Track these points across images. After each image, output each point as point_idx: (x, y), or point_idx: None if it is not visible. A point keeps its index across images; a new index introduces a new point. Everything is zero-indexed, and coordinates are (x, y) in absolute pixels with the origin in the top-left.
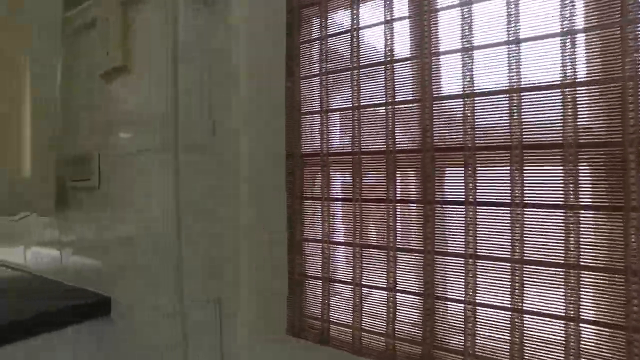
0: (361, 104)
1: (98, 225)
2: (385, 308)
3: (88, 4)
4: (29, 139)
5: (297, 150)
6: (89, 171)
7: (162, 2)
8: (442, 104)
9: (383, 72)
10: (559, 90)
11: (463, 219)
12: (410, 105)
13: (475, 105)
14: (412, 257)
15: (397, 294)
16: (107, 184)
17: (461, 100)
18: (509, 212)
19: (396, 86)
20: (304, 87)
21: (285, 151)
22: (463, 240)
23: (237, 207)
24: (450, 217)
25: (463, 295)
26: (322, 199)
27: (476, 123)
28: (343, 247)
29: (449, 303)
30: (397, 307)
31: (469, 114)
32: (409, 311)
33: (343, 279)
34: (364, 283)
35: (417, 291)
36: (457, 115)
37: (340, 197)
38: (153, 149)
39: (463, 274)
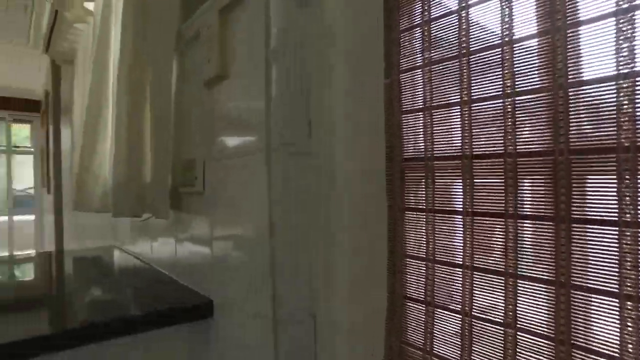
0: (472, 97)
1: (203, 229)
2: (502, 349)
3: (195, 16)
4: (149, 147)
5: (398, 154)
6: (195, 177)
7: (255, 5)
8: (581, 92)
9: (500, 56)
10: None
11: (615, 243)
12: (537, 95)
13: (638, 90)
14: (539, 288)
15: (519, 332)
16: (211, 189)
17: (613, 84)
18: None
19: (516, 72)
20: (405, 81)
21: (385, 155)
22: (615, 273)
23: (333, 216)
24: (595, 240)
25: (617, 348)
26: (426, 211)
27: None
28: (450, 268)
29: (592, 357)
30: (518, 350)
31: (625, 103)
32: (534, 356)
33: (450, 306)
34: (475, 314)
35: (545, 333)
36: (607, 106)
37: (447, 209)
38: (251, 154)
39: (615, 319)
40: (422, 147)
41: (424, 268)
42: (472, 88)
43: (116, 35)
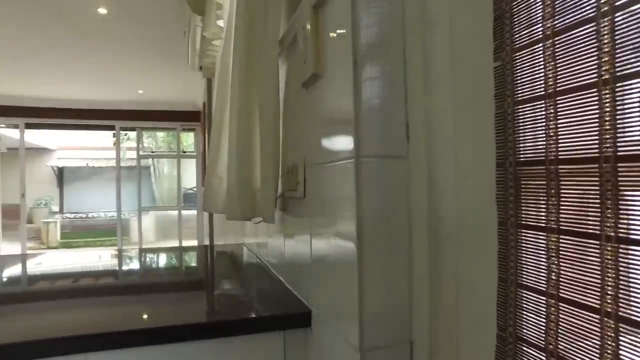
0: (617, 74)
1: (304, 235)
2: None
3: (292, 19)
4: (258, 153)
5: (511, 156)
6: (297, 181)
7: (344, 4)
8: None
9: None
10: None
11: None
12: None
13: None
14: None
15: None
16: (310, 193)
17: None
18: None
19: None
20: (520, 62)
21: (494, 158)
22: None
23: (433, 229)
24: None
25: None
26: (548, 230)
27: None
28: (583, 312)
29: None
30: None
31: None
32: None
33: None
34: None
35: None
36: None
37: (578, 229)
38: (343, 159)
39: None
40: (543, 146)
41: (545, 306)
42: (617, 61)
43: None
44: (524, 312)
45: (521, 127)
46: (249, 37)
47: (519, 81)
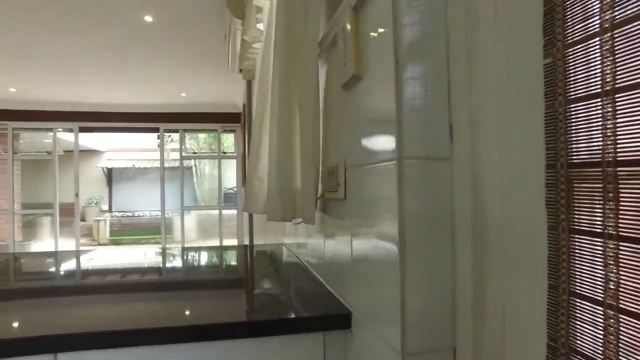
0: None
1: (344, 236)
2: None
3: (332, 20)
4: (299, 154)
5: (562, 157)
6: (337, 183)
7: (385, 4)
8: None
9: None
10: None
11: None
12: None
13: None
14: None
15: None
16: (351, 195)
17: None
18: None
19: None
20: (573, 59)
21: (544, 159)
22: None
23: (478, 233)
24: None
25: None
26: (605, 237)
27: None
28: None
29: None
30: None
31: None
32: None
33: None
34: None
35: None
36: None
37: (637, 235)
38: (385, 160)
39: None
40: (599, 147)
41: (602, 317)
42: None
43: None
44: (578, 323)
45: (574, 127)
46: (288, 40)
47: (571, 78)
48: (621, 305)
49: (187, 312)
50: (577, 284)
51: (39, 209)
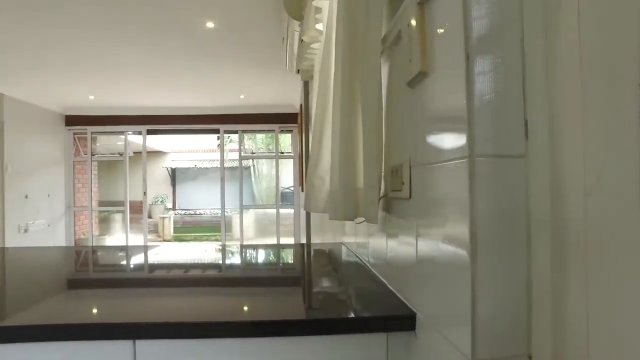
0: None
1: (409, 236)
2: None
3: (396, 17)
4: (361, 153)
5: None
6: (402, 182)
7: None
8: None
9: None
10: None
11: None
12: None
13: None
14: None
15: None
16: (416, 195)
17: None
18: None
19: None
20: None
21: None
22: None
23: (559, 236)
24: None
25: None
26: None
27: None
28: None
29: None
30: None
31: None
32: None
33: None
34: None
35: None
36: None
37: None
38: (454, 158)
39: None
40: None
41: None
42: None
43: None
44: None
45: None
46: (350, 38)
47: None
48: None
49: (249, 308)
50: None
51: (112, 207)
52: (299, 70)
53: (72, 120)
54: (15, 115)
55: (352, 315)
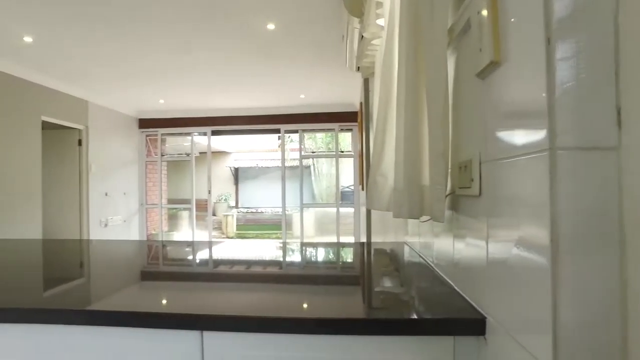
0: None
1: (479, 235)
2: None
3: (463, 6)
4: (427, 149)
5: None
6: (471, 178)
7: None
8: None
9: None
10: None
11: None
12: None
13: None
14: None
15: None
16: (487, 191)
17: None
18: None
19: None
20: None
21: None
22: None
23: None
24: None
25: None
26: None
27: None
28: None
29: None
30: None
31: None
32: None
33: None
34: None
35: None
36: None
37: None
38: (533, 152)
39: None
40: None
41: None
42: None
43: (398, 45)
44: None
45: None
46: (414, 31)
47: None
48: None
49: (311, 306)
50: None
51: (180, 204)
52: (359, 67)
53: (144, 123)
54: (97, 120)
55: (418, 316)
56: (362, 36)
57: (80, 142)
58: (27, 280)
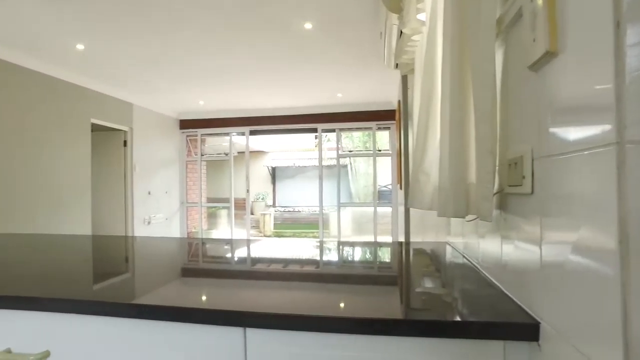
0: None
1: (531, 235)
2: None
3: None
4: (473, 145)
5: None
6: (522, 176)
7: None
8: None
9: None
10: None
11: None
12: None
13: None
14: None
15: None
16: (541, 189)
17: None
18: None
19: None
20: None
21: None
22: None
23: None
24: None
25: None
26: None
27: None
28: None
29: None
30: None
31: None
32: None
33: None
34: None
35: None
36: None
37: None
38: (596, 147)
39: None
40: None
41: None
42: None
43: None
44: None
45: None
46: (460, 24)
47: None
48: None
49: (351, 305)
50: None
51: (219, 203)
52: (397, 64)
53: (185, 124)
54: (141, 122)
55: (464, 318)
56: (401, 33)
57: (125, 143)
58: (79, 273)
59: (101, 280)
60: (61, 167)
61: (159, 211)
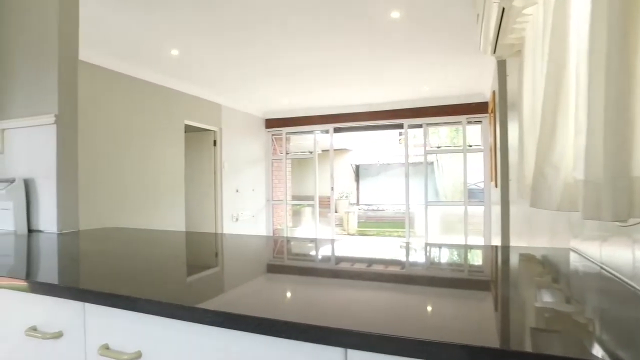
0: None
1: None
2: None
3: None
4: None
5: None
6: None
7: None
8: None
9: None
10: None
11: None
12: None
13: None
14: None
15: None
16: None
17: None
18: None
19: None
20: None
21: None
22: None
23: None
24: None
25: None
26: None
27: None
28: None
29: None
30: None
31: None
32: None
33: None
34: None
35: None
36: None
37: None
38: None
39: None
40: None
41: None
42: None
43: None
44: None
45: None
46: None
47: None
48: None
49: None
50: None
51: (303, 201)
52: (494, 50)
53: (270, 123)
54: (229, 122)
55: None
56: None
57: (215, 143)
58: (174, 269)
59: (194, 279)
60: (161, 167)
61: (245, 208)
